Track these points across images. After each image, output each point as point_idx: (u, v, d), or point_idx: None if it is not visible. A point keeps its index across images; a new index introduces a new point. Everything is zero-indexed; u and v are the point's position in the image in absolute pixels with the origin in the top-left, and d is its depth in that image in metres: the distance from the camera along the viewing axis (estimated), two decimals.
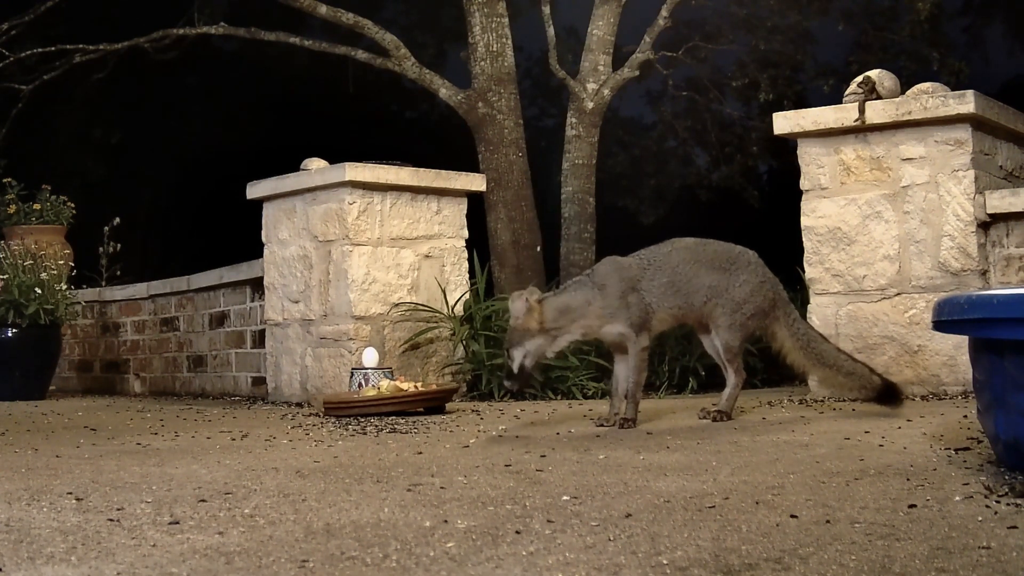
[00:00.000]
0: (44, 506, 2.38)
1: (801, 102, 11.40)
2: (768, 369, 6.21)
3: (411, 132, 18.84)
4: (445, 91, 8.16)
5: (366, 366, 5.11)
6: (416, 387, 4.79)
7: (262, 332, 6.37)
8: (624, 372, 3.95)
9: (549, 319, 3.81)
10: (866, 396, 4.04)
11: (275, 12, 10.04)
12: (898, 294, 4.74)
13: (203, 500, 2.42)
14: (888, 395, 3.99)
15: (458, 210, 6.16)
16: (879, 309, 4.76)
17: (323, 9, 8.54)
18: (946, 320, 2.56)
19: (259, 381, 6.51)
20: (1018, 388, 2.38)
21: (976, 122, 4.67)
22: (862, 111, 4.77)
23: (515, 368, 3.81)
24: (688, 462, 2.88)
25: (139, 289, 7.76)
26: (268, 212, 6.20)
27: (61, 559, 1.86)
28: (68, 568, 1.79)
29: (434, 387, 4.97)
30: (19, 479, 2.83)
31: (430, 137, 17.51)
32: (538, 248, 7.83)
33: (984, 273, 4.62)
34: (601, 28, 8.29)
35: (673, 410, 4.54)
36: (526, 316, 3.79)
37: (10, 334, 6.70)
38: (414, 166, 5.95)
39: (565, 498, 2.34)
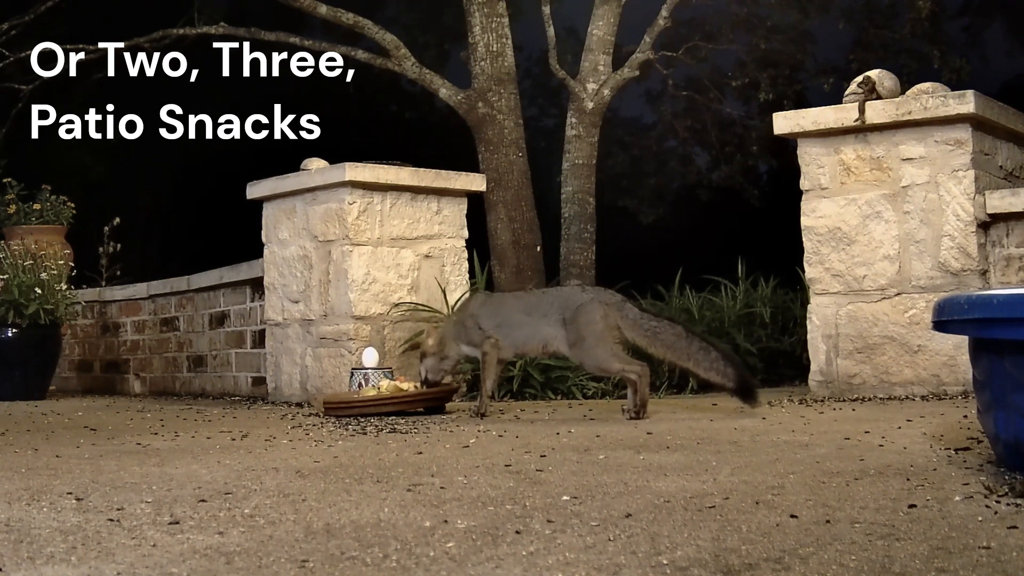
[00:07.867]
0: (44, 506, 2.38)
1: (801, 101, 11.38)
2: (768, 369, 6.21)
3: (411, 132, 18.80)
4: (445, 91, 8.16)
5: (366, 366, 5.10)
6: (416, 387, 4.79)
7: (262, 332, 6.37)
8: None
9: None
10: (727, 388, 4.08)
11: (275, 12, 10.02)
12: (898, 294, 4.74)
13: (203, 500, 2.42)
14: (744, 391, 4.04)
15: (458, 210, 6.16)
16: (879, 309, 4.76)
17: (323, 9, 8.53)
18: (946, 320, 2.56)
19: (259, 381, 6.51)
20: (1018, 388, 2.38)
21: (976, 122, 4.67)
22: (862, 111, 4.77)
23: None
24: (688, 462, 2.88)
25: (139, 289, 7.76)
26: (268, 212, 6.20)
27: (61, 559, 1.86)
28: (68, 568, 1.79)
29: None
30: (19, 479, 2.83)
31: (430, 137, 17.47)
32: (538, 248, 7.82)
33: (984, 273, 4.62)
34: (601, 28, 8.28)
35: (673, 410, 4.54)
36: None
37: (10, 334, 6.70)
38: (414, 166, 5.95)
39: (565, 498, 2.33)
